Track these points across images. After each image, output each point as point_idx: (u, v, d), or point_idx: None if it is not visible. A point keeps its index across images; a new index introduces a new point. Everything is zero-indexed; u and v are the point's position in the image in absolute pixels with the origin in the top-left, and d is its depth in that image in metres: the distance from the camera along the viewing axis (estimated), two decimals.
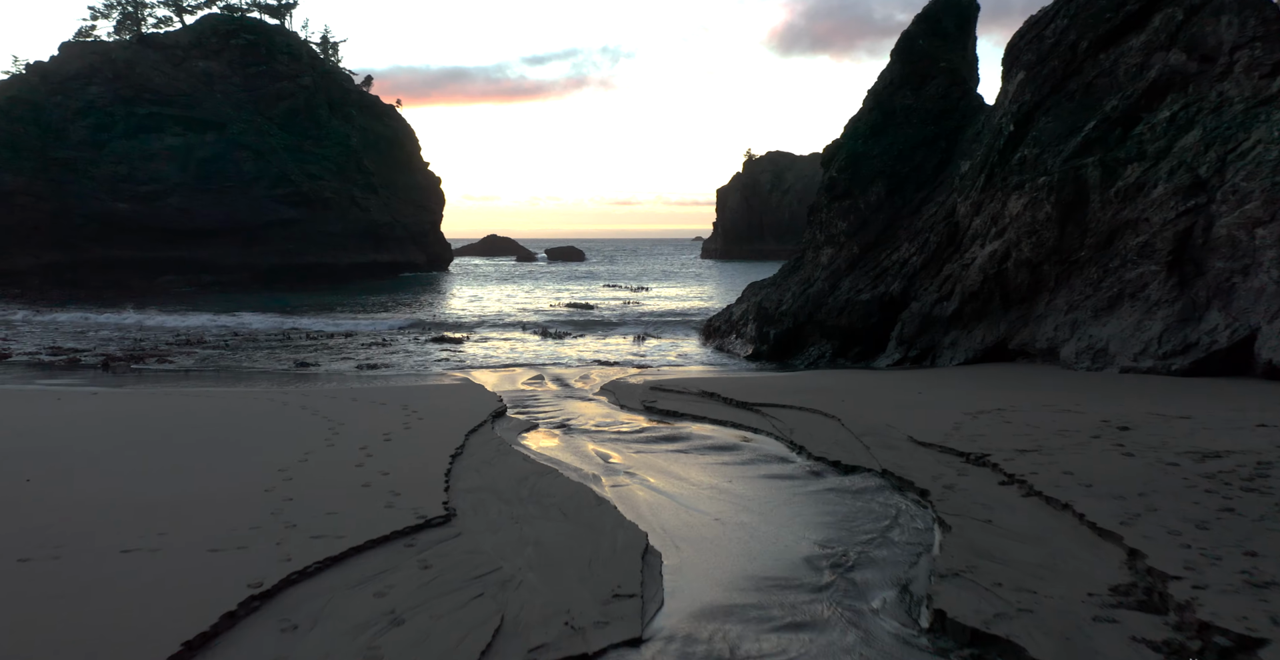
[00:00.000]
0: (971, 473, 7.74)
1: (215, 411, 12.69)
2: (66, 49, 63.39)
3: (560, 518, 6.78)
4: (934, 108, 23.31)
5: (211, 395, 15.21)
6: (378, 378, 20.30)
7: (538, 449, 10.32)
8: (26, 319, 34.68)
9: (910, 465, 8.15)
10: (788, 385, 15.15)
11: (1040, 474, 7.24)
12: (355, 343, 28.18)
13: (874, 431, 9.83)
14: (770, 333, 24.19)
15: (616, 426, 11.81)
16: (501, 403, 13.98)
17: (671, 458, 9.60)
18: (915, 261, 21.43)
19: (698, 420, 12.07)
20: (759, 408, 12.27)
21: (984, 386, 13.95)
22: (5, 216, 58.75)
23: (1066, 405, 10.84)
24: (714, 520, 6.94)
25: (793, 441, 9.92)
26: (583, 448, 10.33)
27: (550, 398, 15.83)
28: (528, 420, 12.56)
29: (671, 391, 15.32)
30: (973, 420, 10.11)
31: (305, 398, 14.53)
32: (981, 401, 11.60)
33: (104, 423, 11.37)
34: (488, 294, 51.27)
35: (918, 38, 23.84)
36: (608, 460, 9.53)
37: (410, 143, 72.39)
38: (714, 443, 10.34)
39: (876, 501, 7.37)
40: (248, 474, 8.06)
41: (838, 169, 24.02)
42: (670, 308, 39.44)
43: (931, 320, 20.45)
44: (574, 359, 24.22)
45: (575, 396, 15.86)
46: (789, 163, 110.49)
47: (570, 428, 11.86)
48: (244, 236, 60.97)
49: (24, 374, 20.79)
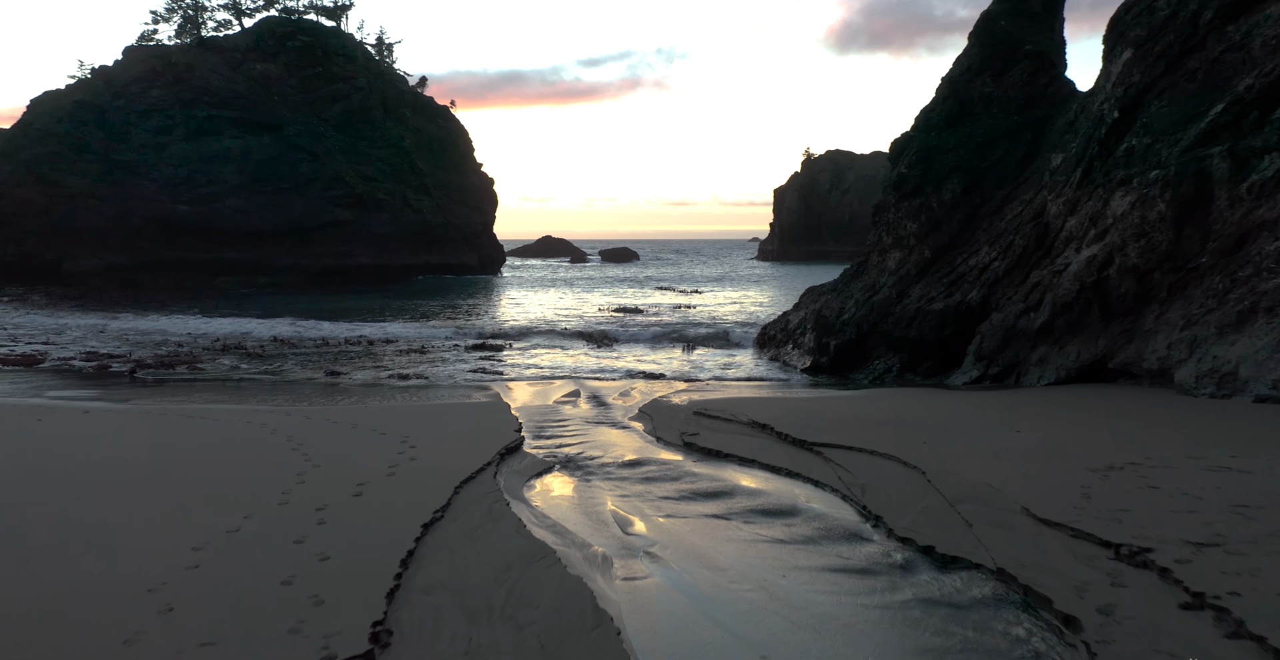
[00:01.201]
0: (1131, 581, 5.33)
1: (190, 441, 10.82)
2: (129, 53, 63.41)
3: (537, 652, 4.59)
4: (1018, 95, 20.56)
5: (205, 416, 13.41)
6: (406, 389, 18.48)
7: (543, 507, 8.14)
8: (76, 323, 33.83)
9: (1036, 561, 5.76)
10: (852, 413, 12.74)
11: (1245, 596, 4.83)
12: (393, 349, 26.56)
13: (973, 495, 7.42)
14: (830, 344, 21.72)
15: (647, 471, 9.58)
16: (519, 433, 11.84)
17: (709, 527, 7.35)
18: (997, 267, 18.76)
19: (745, 464, 9.76)
20: (820, 449, 9.92)
21: (1094, 418, 11.35)
22: (70, 219, 58.88)
23: (1221, 458, 8.27)
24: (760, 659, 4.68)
25: (866, 507, 7.55)
26: (600, 506, 8.11)
27: (580, 422, 13.67)
28: (544, 457, 10.40)
29: (718, 418, 13.03)
30: (1103, 480, 7.64)
31: (302, 422, 12.62)
32: (1104, 447, 9.08)
33: (46, 460, 9.54)
34: (536, 298, 49.45)
35: (999, 18, 21.10)
36: (627, 529, 7.29)
37: (464, 144, 71.06)
38: (765, 503, 8.02)
39: (996, 629, 4.96)
40: (147, 555, 6.05)
41: (908, 164, 21.42)
42: (723, 314, 37.04)
43: (1016, 334, 17.79)
44: (616, 370, 22.11)
45: (608, 421, 13.67)
46: (849, 161, 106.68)
47: (591, 471, 9.65)
48: (298, 238, 60.21)
49: (43, 383, 19.47)
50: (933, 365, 19.77)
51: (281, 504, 7.49)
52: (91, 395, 17.37)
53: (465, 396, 17.28)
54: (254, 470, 8.98)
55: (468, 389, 18.76)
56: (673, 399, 16.15)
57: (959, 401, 14.19)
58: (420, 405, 15.55)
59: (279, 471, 8.90)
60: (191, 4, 64.16)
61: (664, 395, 17.16)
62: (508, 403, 15.96)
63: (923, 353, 19.91)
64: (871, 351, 21.26)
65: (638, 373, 21.55)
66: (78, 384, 19.38)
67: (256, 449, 10.29)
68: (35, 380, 19.99)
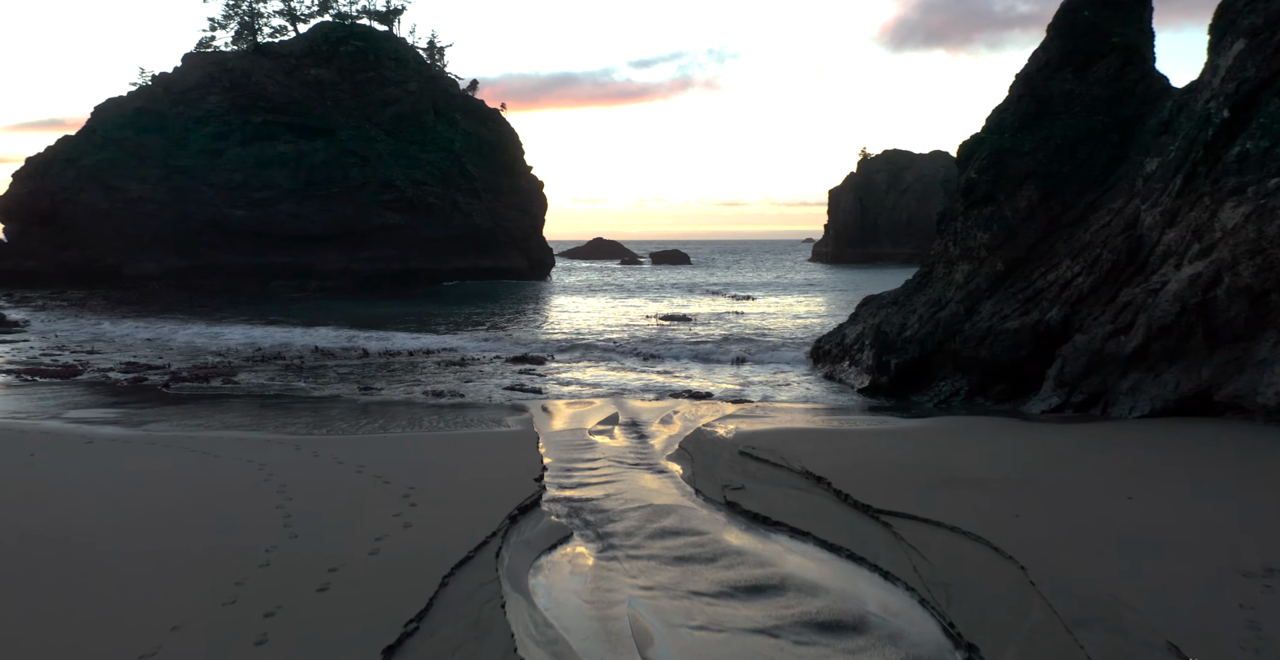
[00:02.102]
0: None
1: (173, 493, 9.52)
2: (188, 60, 63.69)
3: None
4: (1103, 92, 18.40)
5: (208, 451, 12.12)
6: (438, 409, 17.20)
7: (547, 606, 6.51)
8: (124, 331, 33.36)
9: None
10: (922, 459, 10.92)
11: None
12: (433, 362, 25.37)
13: (1096, 615, 5.61)
14: (891, 362, 19.80)
15: (680, 545, 7.93)
16: (539, 482, 10.29)
17: (751, 644, 5.70)
18: (1081, 284, 16.69)
19: (798, 537, 8.06)
20: (888, 518, 8.19)
21: (1224, 476, 9.39)
22: (130, 224, 59.31)
23: None
24: None
25: (952, 624, 5.81)
26: (617, 605, 6.48)
27: (612, 461, 12.08)
28: (563, 518, 8.82)
29: (766, 462, 11.33)
30: (1266, 591, 5.81)
31: (307, 462, 11.27)
32: (1253, 531, 7.19)
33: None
34: (583, 304, 48.02)
35: (1083, 8, 18.94)
36: (646, 651, 5.65)
37: (514, 146, 70.04)
38: (823, 609, 6.28)
39: None
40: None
41: (978, 169, 19.38)
42: (774, 325, 35.10)
43: (1103, 358, 15.73)
44: (660, 388, 20.55)
45: (643, 462, 12.04)
46: (907, 161, 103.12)
47: (614, 541, 8.01)
48: (349, 242, 59.80)
49: (71, 399, 18.61)
50: (1006, 389, 17.78)
51: (227, 604, 6.04)
52: (110, 416, 16.34)
53: (495, 421, 15.85)
54: (220, 543, 7.57)
55: (500, 410, 17.36)
56: (717, 430, 14.50)
57: (1045, 443, 12.25)
58: (443, 435, 14.14)
59: (248, 543, 7.48)
60: (248, 11, 64.20)
61: (709, 422, 15.52)
62: (537, 431, 14.49)
63: (994, 375, 17.94)
64: (936, 372, 19.33)
65: (682, 391, 19.94)
66: (105, 400, 18.48)
67: (238, 506, 8.90)
68: (65, 395, 19.20)
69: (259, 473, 10.57)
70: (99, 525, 8.21)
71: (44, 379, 21.75)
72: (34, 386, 20.59)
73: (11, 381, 21.28)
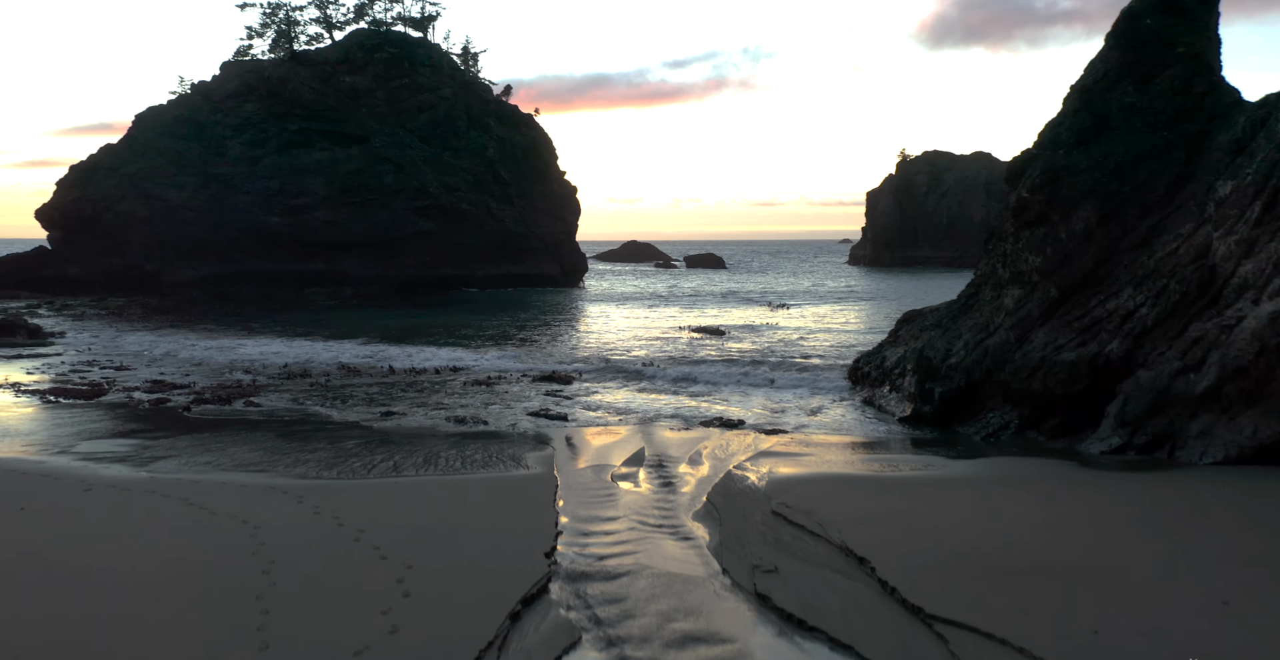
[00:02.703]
0: None
1: (142, 572, 8.67)
2: (226, 68, 63.78)
3: None
4: (1167, 106, 16.97)
5: (206, 505, 11.32)
6: (459, 440, 16.46)
7: None
8: (153, 344, 33.02)
9: None
10: (978, 532, 9.73)
11: None
12: (459, 381, 24.62)
13: None
14: (935, 391, 18.58)
15: (703, 656, 6.89)
16: (550, 559, 9.28)
17: None
18: (1145, 315, 15.32)
19: (839, 650, 6.96)
20: (943, 627, 7.05)
21: None
22: (169, 231, 59.52)
23: None
24: None
25: None
26: None
27: (634, 521, 11.04)
28: (572, 617, 7.76)
29: (802, 528, 10.22)
30: None
31: (307, 523, 10.38)
32: None
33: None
34: (615, 314, 47.00)
35: (1144, 15, 17.50)
36: None
37: (547, 151, 69.28)
38: None
39: None
40: None
41: (1030, 187, 18.04)
42: (810, 340, 33.72)
43: (1170, 398, 14.40)
44: (690, 413, 19.62)
45: (666, 523, 10.96)
46: (948, 163, 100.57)
47: (627, 656, 6.97)
48: (382, 249, 59.46)
49: (87, 426, 18.06)
50: (1060, 423, 16.52)
51: None
52: (121, 450, 15.66)
53: (514, 460, 14.90)
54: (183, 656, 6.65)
55: (523, 443, 16.50)
56: (749, 475, 13.41)
57: (1118, 506, 10.90)
58: (455, 481, 13.19)
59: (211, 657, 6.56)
60: (285, 19, 64.11)
61: (740, 462, 14.47)
62: (556, 475, 13.54)
63: (1048, 408, 16.68)
64: (984, 402, 18.08)
65: (713, 419, 18.91)
66: (121, 428, 17.89)
67: (215, 595, 7.98)
68: (84, 420, 18.70)
69: (251, 541, 9.67)
70: (44, 623, 7.33)
71: (67, 399, 21.40)
72: (56, 409, 20.17)
73: (35, 404, 20.88)
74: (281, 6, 63.90)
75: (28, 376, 24.83)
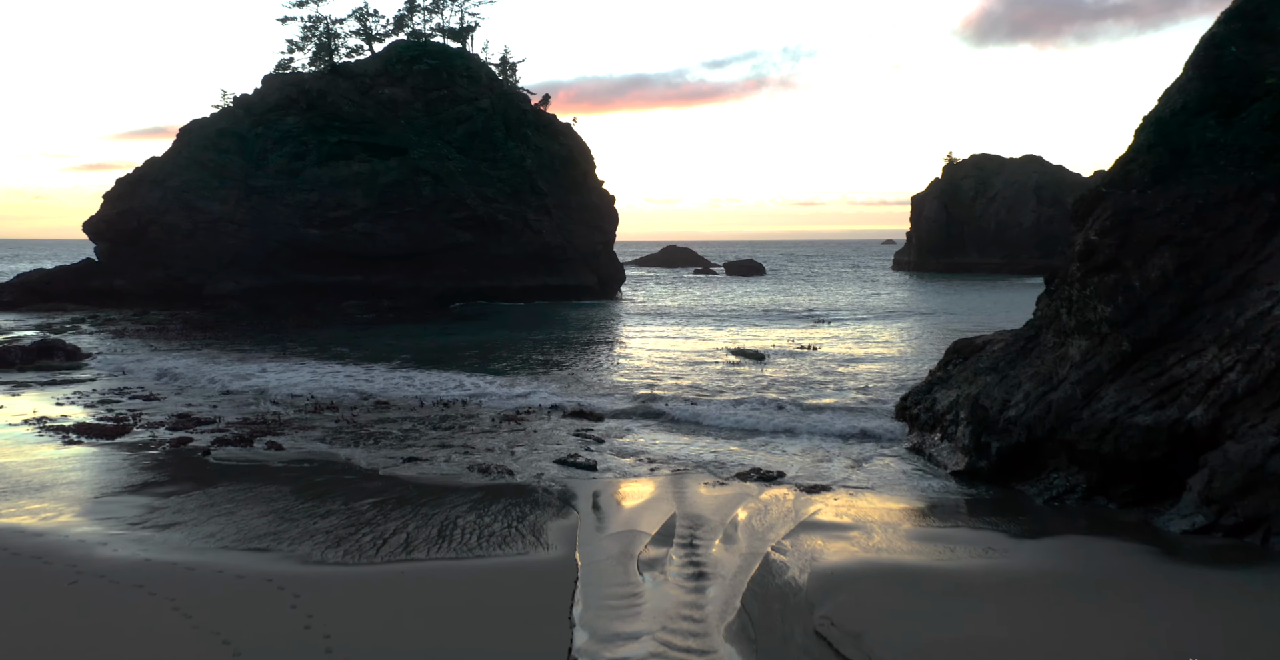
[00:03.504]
0: None
1: None
2: (268, 81, 63.73)
3: None
4: (1255, 143, 15.25)
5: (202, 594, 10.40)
6: (480, 497, 15.62)
7: None
8: (186, 368, 32.47)
9: None
10: None
11: None
12: (486, 416, 23.78)
13: None
14: (992, 446, 17.12)
15: None
16: None
17: None
18: (1235, 381, 13.67)
19: None
20: None
21: None
22: (211, 243, 59.58)
23: None
24: None
25: None
26: None
27: (659, 639, 9.78)
28: None
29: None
30: None
31: (300, 635, 9.34)
32: None
33: None
34: (649, 333, 45.67)
35: (1228, 43, 15.78)
36: None
37: (585, 161, 68.23)
38: None
39: None
40: None
41: (1099, 230, 16.42)
42: (854, 371, 31.98)
43: (1266, 476, 12.77)
44: (725, 461, 18.63)
45: (695, 648, 9.68)
46: (996, 166, 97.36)
47: None
48: (420, 261, 58.90)
49: (104, 477, 17.35)
50: (1134, 491, 15.01)
51: None
52: (128, 515, 14.66)
53: (534, 532, 13.76)
54: None
55: (546, 505, 15.45)
56: (789, 567, 12.07)
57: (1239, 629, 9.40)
58: (464, 571, 12.03)
59: None
60: (325, 32, 63.86)
61: (779, 542, 13.17)
62: (577, 560, 12.36)
63: (1119, 474, 15.15)
64: (1045, 461, 16.60)
65: (750, 472, 17.73)
66: (136, 481, 17.07)
67: None
68: (99, 468, 18.04)
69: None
70: None
71: (90, 439, 20.81)
72: (76, 450, 19.55)
73: (56, 443, 20.32)
74: (322, 19, 63.67)
75: (55, 409, 24.41)
